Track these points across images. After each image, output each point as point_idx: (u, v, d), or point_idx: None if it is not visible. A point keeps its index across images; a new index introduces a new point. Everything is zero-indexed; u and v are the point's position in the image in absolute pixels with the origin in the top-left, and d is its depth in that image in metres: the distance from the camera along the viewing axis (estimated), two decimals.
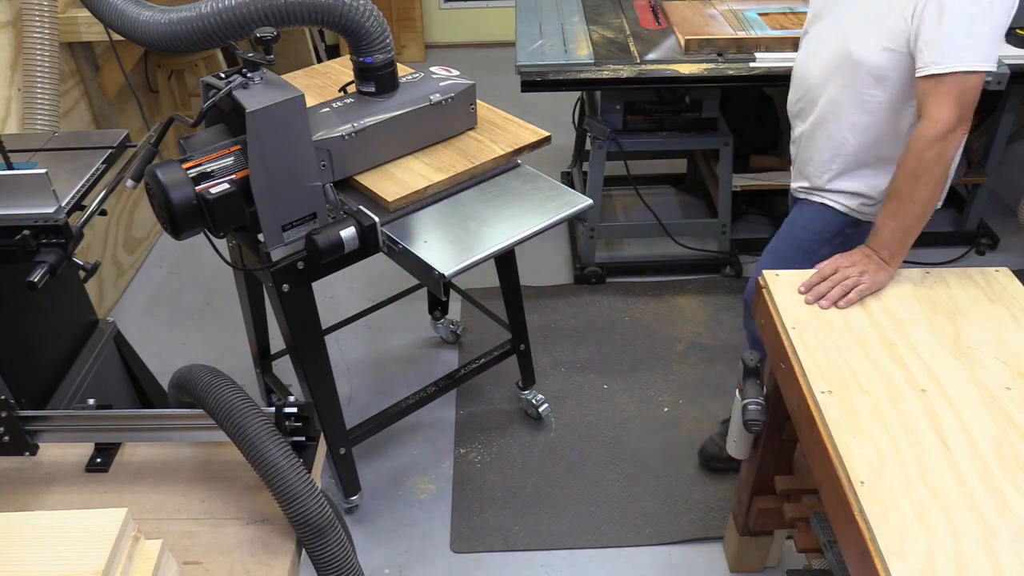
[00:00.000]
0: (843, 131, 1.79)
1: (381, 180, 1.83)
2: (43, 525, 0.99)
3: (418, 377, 2.67)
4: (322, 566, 1.10)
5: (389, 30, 1.83)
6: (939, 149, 1.55)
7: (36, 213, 1.48)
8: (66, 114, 2.83)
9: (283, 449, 1.09)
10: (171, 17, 1.61)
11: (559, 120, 3.68)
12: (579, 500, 2.30)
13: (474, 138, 1.97)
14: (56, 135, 1.85)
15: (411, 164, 1.89)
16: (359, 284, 3.08)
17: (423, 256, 1.68)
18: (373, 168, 1.87)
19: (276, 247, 1.74)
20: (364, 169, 1.87)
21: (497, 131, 2.00)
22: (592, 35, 2.82)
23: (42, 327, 1.87)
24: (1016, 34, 2.65)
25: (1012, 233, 3.29)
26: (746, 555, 2.06)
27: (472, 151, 1.92)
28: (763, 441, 1.78)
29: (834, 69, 1.76)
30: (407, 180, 1.81)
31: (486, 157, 1.89)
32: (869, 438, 1.29)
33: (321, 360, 1.98)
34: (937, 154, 1.55)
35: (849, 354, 1.45)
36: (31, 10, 2.54)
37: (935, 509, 1.17)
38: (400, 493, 2.34)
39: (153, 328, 2.98)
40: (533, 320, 2.87)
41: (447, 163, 1.88)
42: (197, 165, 1.59)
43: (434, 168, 1.86)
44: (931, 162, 1.56)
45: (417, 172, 1.85)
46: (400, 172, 1.85)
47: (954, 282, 1.62)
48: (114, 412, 1.27)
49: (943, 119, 1.53)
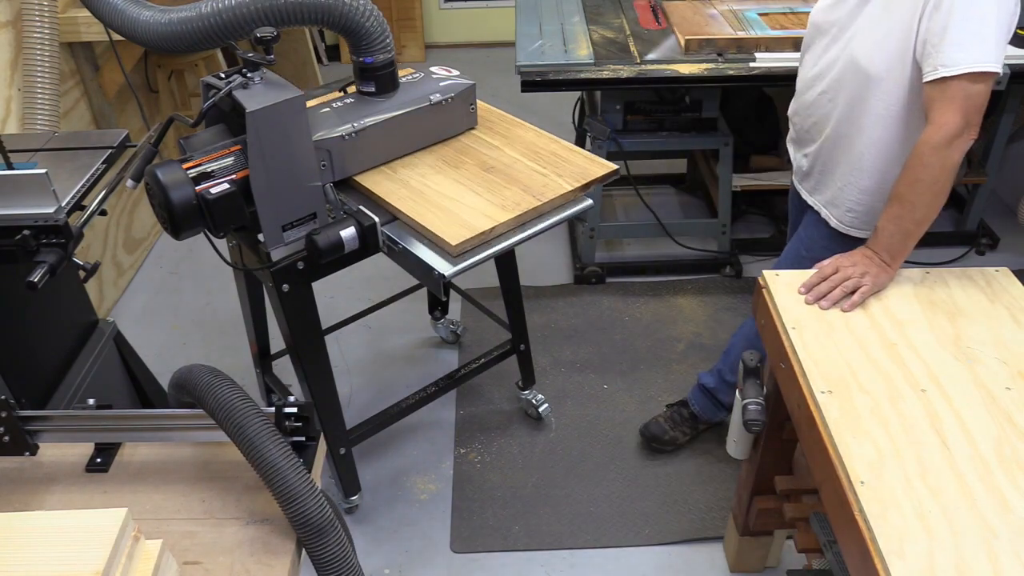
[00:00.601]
0: (861, 147, 1.75)
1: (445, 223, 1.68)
2: (43, 525, 0.99)
3: (418, 377, 2.67)
4: (322, 566, 1.10)
5: (389, 30, 1.83)
6: (944, 154, 1.53)
7: (36, 213, 1.48)
8: (66, 114, 2.83)
9: (283, 449, 1.09)
10: (171, 17, 1.61)
11: (559, 120, 3.68)
12: (579, 500, 2.30)
13: (539, 172, 1.83)
14: (56, 135, 1.85)
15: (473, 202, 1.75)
16: (359, 284, 3.08)
17: (423, 256, 1.68)
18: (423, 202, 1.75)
19: (276, 247, 1.74)
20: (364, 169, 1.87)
21: (562, 163, 1.87)
22: (592, 35, 2.82)
23: (42, 327, 1.87)
24: (1016, 34, 2.65)
25: (1012, 233, 3.29)
26: (746, 555, 2.06)
27: (537, 187, 1.78)
28: (763, 441, 1.78)
29: (845, 84, 1.72)
30: (471, 220, 1.68)
31: (553, 193, 1.76)
32: (869, 438, 1.29)
33: (321, 360, 1.98)
34: (941, 160, 1.53)
35: (849, 354, 1.45)
36: (31, 10, 2.54)
37: (935, 509, 1.17)
38: (400, 493, 2.34)
39: (153, 328, 2.98)
40: (533, 320, 2.87)
41: (511, 200, 1.74)
42: (197, 165, 1.59)
43: (498, 206, 1.72)
44: (935, 168, 1.54)
45: (482, 212, 1.71)
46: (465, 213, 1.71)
47: (954, 282, 1.62)
48: (114, 412, 1.27)
49: (948, 124, 1.51)
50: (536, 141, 1.97)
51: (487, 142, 1.97)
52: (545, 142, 1.96)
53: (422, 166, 1.89)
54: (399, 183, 1.82)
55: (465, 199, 1.76)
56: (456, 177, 1.84)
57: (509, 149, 1.94)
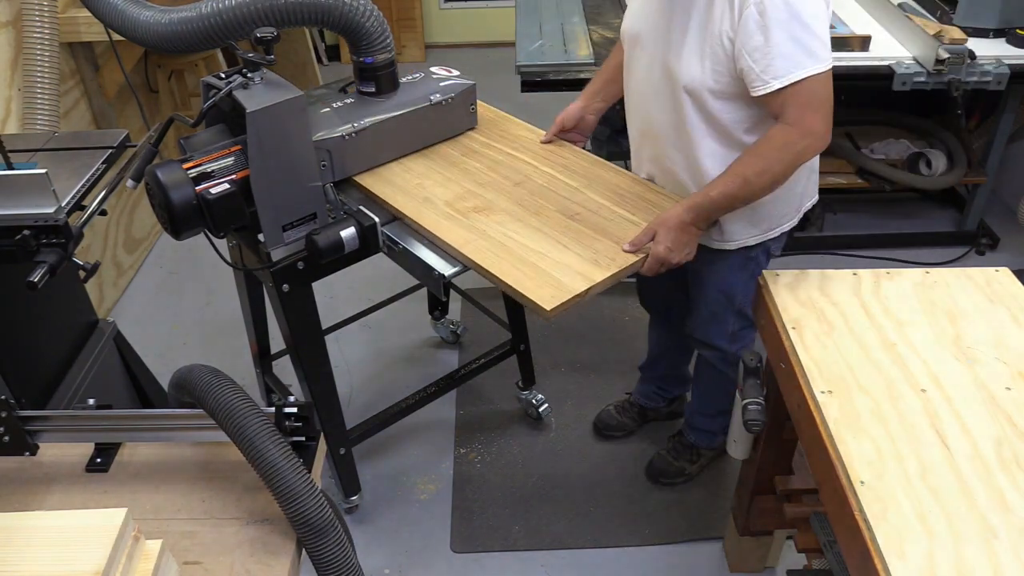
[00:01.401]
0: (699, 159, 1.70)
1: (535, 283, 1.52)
2: (43, 525, 0.99)
3: (418, 377, 2.67)
4: (322, 566, 1.10)
5: (389, 30, 1.84)
6: (802, 157, 1.54)
7: (36, 213, 1.47)
8: (66, 114, 2.83)
9: (283, 449, 1.09)
10: (171, 17, 1.62)
11: None
12: (579, 500, 2.30)
13: (629, 220, 1.68)
14: (56, 135, 1.85)
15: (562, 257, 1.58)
16: (359, 284, 3.08)
17: (423, 256, 1.68)
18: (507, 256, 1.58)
19: (276, 247, 1.74)
20: (363, 169, 1.87)
21: (650, 208, 1.71)
22: (592, 35, 2.82)
23: (42, 327, 1.87)
24: (1016, 34, 2.65)
25: (1012, 233, 3.29)
26: (746, 555, 2.06)
27: (629, 238, 1.61)
28: (763, 441, 1.78)
29: (669, 97, 1.68)
30: (564, 280, 1.52)
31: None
32: (869, 438, 1.29)
33: (321, 360, 1.98)
34: (798, 160, 1.55)
35: (849, 354, 1.45)
36: (31, 10, 2.54)
37: (935, 509, 1.17)
38: (400, 493, 2.34)
39: (153, 328, 2.98)
40: (533, 320, 2.87)
41: (604, 254, 1.58)
42: (197, 165, 1.59)
43: (591, 262, 1.56)
44: (790, 165, 1.55)
45: (574, 269, 1.55)
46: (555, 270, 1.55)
47: (954, 282, 1.62)
48: (114, 412, 1.27)
49: (814, 129, 1.51)
50: (618, 181, 1.81)
51: (565, 183, 1.81)
52: (628, 182, 1.81)
53: (499, 212, 1.72)
54: (477, 233, 1.66)
55: (552, 253, 1.59)
56: (538, 226, 1.67)
57: (591, 192, 1.78)
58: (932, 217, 3.43)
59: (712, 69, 1.58)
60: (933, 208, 3.48)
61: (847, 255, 3.20)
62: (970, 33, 2.61)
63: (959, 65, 2.47)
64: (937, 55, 2.46)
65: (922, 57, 2.55)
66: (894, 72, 2.53)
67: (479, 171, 1.88)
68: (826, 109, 1.52)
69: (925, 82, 2.52)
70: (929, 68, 2.50)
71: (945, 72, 2.49)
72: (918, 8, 2.90)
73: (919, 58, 2.57)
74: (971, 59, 2.49)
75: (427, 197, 1.78)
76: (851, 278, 1.64)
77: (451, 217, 1.72)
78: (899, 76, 2.52)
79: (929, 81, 2.51)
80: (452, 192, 1.80)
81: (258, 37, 1.59)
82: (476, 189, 1.81)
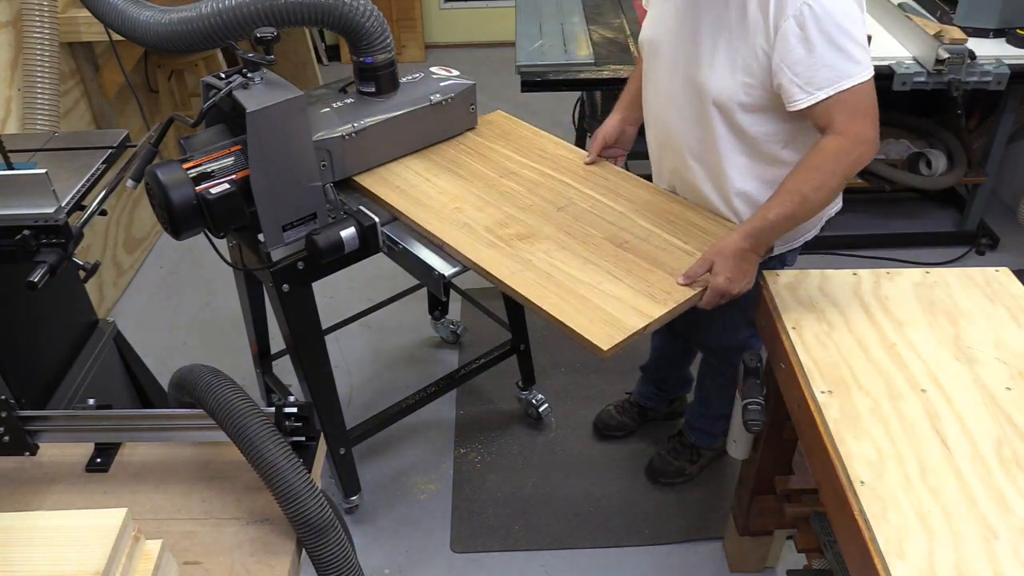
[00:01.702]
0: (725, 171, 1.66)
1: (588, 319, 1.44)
2: (43, 525, 0.99)
3: (418, 377, 2.67)
4: (322, 566, 1.10)
5: (389, 30, 1.84)
6: (856, 166, 1.50)
7: (36, 213, 1.47)
8: (66, 114, 2.83)
9: (283, 449, 1.09)
10: (171, 17, 1.62)
11: (559, 120, 3.69)
12: (579, 500, 2.30)
13: (682, 249, 1.59)
14: (56, 135, 1.85)
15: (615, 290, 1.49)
16: (359, 284, 3.08)
17: (423, 257, 1.68)
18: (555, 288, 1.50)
19: (276, 247, 1.74)
20: (364, 169, 1.87)
21: (702, 236, 1.62)
22: (592, 35, 2.82)
23: (42, 327, 1.87)
24: (1016, 34, 2.65)
25: (1012, 233, 3.29)
26: (746, 555, 2.06)
27: (684, 269, 1.53)
28: (763, 441, 1.78)
29: (694, 110, 1.64)
30: (619, 317, 1.44)
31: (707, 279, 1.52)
32: (869, 438, 1.29)
33: (321, 360, 1.98)
34: (852, 170, 1.50)
35: (849, 354, 1.45)
36: (31, 10, 2.54)
37: (935, 509, 1.17)
38: (400, 493, 2.34)
39: (153, 328, 2.98)
40: (533, 320, 2.87)
41: (659, 287, 1.49)
42: (197, 165, 1.59)
43: (646, 295, 1.48)
44: (845, 176, 1.50)
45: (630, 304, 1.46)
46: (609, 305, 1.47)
47: (954, 282, 1.62)
48: (114, 412, 1.27)
49: (865, 136, 1.47)
50: (666, 206, 1.72)
51: (610, 207, 1.73)
52: (677, 207, 1.72)
53: (544, 240, 1.64)
54: (522, 263, 1.58)
55: (603, 285, 1.50)
56: (586, 255, 1.58)
57: (639, 217, 1.69)
58: (932, 217, 3.43)
59: (743, 83, 1.53)
60: (933, 208, 3.48)
61: (847, 255, 3.20)
62: (970, 33, 2.61)
63: (959, 65, 2.48)
64: (937, 55, 2.46)
65: (922, 57, 2.55)
66: (894, 72, 2.53)
67: (519, 194, 1.78)
68: (874, 114, 1.48)
69: (925, 82, 2.52)
70: (929, 68, 2.51)
71: (945, 72, 2.49)
72: (918, 8, 2.91)
73: (919, 58, 2.57)
74: (971, 59, 2.49)
75: (466, 222, 1.69)
76: (851, 278, 1.64)
77: (493, 245, 1.62)
78: (899, 76, 2.52)
79: (929, 81, 2.52)
80: (492, 217, 1.71)
81: (258, 37, 1.59)
82: (517, 214, 1.72)
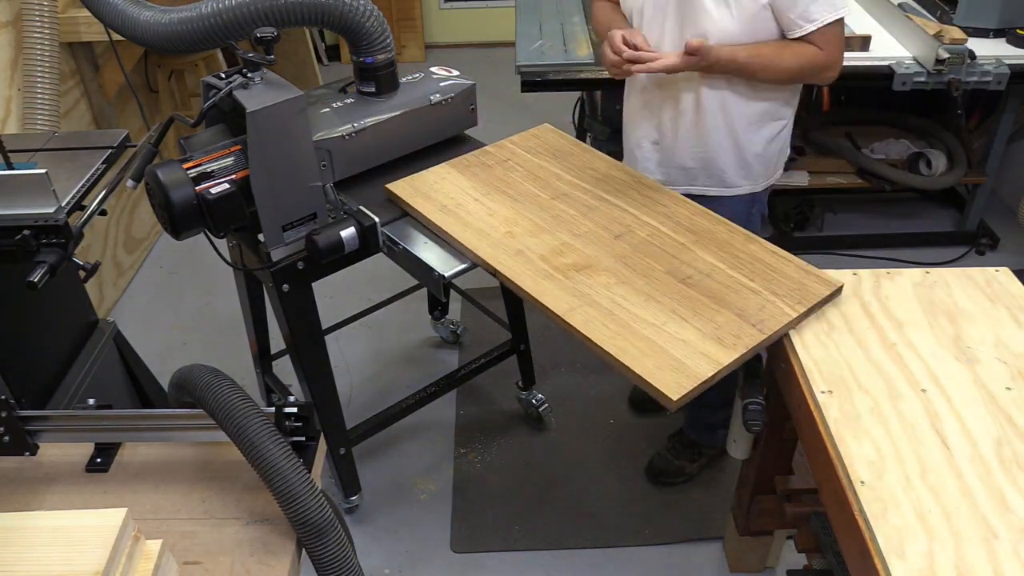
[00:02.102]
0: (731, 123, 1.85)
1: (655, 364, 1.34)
2: (43, 525, 0.99)
3: (418, 377, 2.67)
4: (322, 566, 1.10)
5: (389, 30, 1.84)
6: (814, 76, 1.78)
7: (36, 213, 1.47)
8: (66, 114, 2.83)
9: (283, 449, 1.09)
10: (171, 17, 1.61)
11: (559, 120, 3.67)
12: (579, 500, 2.30)
13: (749, 288, 1.50)
14: (56, 135, 1.85)
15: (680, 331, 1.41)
16: (359, 284, 3.08)
17: (423, 257, 1.68)
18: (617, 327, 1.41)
19: (276, 247, 1.74)
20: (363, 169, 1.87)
21: (770, 274, 1.53)
22: (592, 35, 2.82)
23: (42, 327, 1.87)
24: (1016, 34, 2.65)
25: (1012, 233, 3.29)
26: (746, 555, 2.06)
27: (754, 312, 1.45)
28: (763, 441, 1.79)
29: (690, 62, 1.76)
30: (687, 363, 1.34)
31: (777, 323, 1.43)
32: (869, 438, 1.29)
33: (321, 360, 1.98)
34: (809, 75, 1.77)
35: (849, 354, 1.45)
36: (31, 10, 2.54)
37: (935, 509, 1.17)
38: (400, 493, 2.34)
39: (153, 328, 2.98)
40: (533, 320, 2.87)
41: (727, 331, 1.41)
42: (197, 165, 1.59)
43: (714, 339, 1.39)
44: (798, 77, 1.78)
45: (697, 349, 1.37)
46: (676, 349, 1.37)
47: (954, 282, 1.62)
48: (114, 412, 1.27)
49: (837, 61, 1.77)
50: (728, 238, 1.63)
51: (671, 238, 1.63)
52: (740, 240, 1.62)
53: (603, 272, 1.54)
54: (582, 298, 1.48)
55: (668, 326, 1.41)
56: (649, 291, 1.49)
57: (701, 250, 1.59)
58: (932, 217, 3.43)
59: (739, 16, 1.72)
60: (933, 208, 3.48)
61: (847, 255, 3.20)
62: (970, 33, 2.61)
63: (959, 65, 2.48)
64: (937, 55, 2.46)
65: (922, 57, 2.55)
66: (894, 72, 2.53)
67: (573, 219, 1.69)
68: (843, 49, 1.78)
69: (925, 82, 2.52)
70: (929, 68, 2.50)
71: (945, 72, 2.49)
72: (918, 8, 2.90)
73: (919, 58, 2.57)
74: (971, 59, 2.49)
75: (520, 249, 1.60)
76: (851, 278, 1.64)
77: (550, 276, 1.53)
78: (899, 76, 2.52)
79: (929, 81, 2.52)
80: (546, 244, 1.62)
81: (258, 37, 1.59)
82: (573, 241, 1.62)
